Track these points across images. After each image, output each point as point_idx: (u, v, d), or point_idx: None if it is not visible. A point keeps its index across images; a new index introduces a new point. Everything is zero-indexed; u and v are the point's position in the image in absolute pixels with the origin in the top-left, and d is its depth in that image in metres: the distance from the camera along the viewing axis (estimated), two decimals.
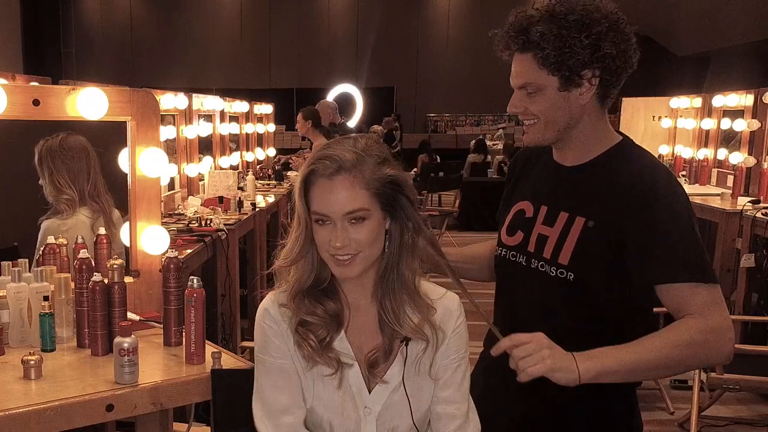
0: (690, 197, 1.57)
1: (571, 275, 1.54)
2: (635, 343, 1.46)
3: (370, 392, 1.40)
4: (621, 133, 1.64)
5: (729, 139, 6.10)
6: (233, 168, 6.17)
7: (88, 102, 2.20)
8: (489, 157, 12.49)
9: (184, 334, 1.91)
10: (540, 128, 1.57)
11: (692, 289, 1.45)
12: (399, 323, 1.39)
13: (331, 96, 14.47)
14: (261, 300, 1.49)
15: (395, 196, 1.36)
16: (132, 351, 1.75)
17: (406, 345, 1.40)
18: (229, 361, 1.90)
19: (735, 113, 5.82)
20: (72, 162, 2.45)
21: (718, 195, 5.37)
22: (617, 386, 1.51)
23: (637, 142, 1.64)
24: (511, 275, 1.69)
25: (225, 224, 4.19)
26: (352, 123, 13.78)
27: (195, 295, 1.85)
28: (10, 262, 2.15)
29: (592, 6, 1.49)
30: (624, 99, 7.15)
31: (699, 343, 1.44)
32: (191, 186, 5.19)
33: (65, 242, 2.30)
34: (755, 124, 5.39)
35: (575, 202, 1.58)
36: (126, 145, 2.34)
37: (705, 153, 6.40)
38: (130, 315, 2.10)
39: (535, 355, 1.39)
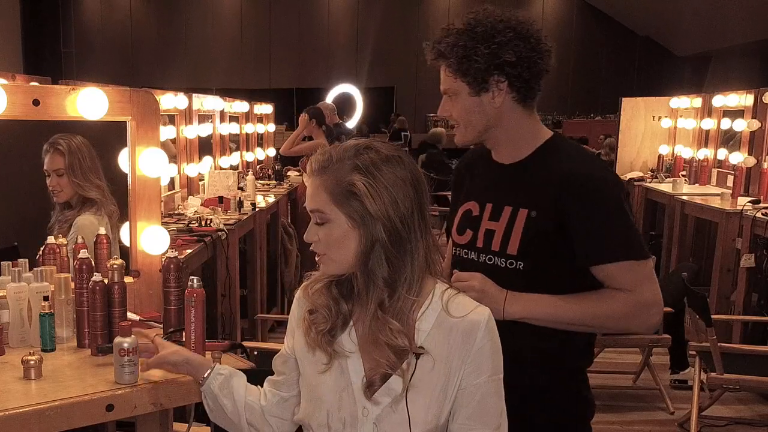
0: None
1: (521, 264, 1.66)
2: (566, 300, 1.63)
3: (371, 395, 1.37)
4: (552, 130, 1.78)
5: (729, 139, 6.10)
6: (233, 168, 6.17)
7: (88, 102, 2.21)
8: None
9: (184, 334, 1.91)
10: (461, 131, 1.73)
11: (622, 266, 1.61)
12: (375, 342, 1.35)
13: (331, 96, 14.48)
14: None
15: (357, 206, 1.32)
16: (132, 351, 1.75)
17: (417, 358, 1.35)
18: (229, 361, 1.90)
19: (735, 113, 5.82)
20: (93, 162, 2.46)
21: (718, 195, 5.37)
22: (567, 371, 1.72)
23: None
24: (466, 270, 1.73)
25: (225, 224, 4.19)
26: (353, 123, 13.79)
27: (195, 295, 1.85)
28: (10, 262, 2.15)
29: (498, 18, 1.64)
30: (624, 99, 7.13)
31: (624, 315, 1.63)
32: (191, 186, 5.19)
33: (65, 242, 2.30)
34: (755, 124, 5.39)
35: (517, 196, 1.69)
36: (126, 145, 2.34)
37: (705, 153, 6.40)
38: (130, 315, 2.10)
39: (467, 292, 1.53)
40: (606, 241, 1.61)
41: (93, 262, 2.12)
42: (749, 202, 4.81)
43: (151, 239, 2.34)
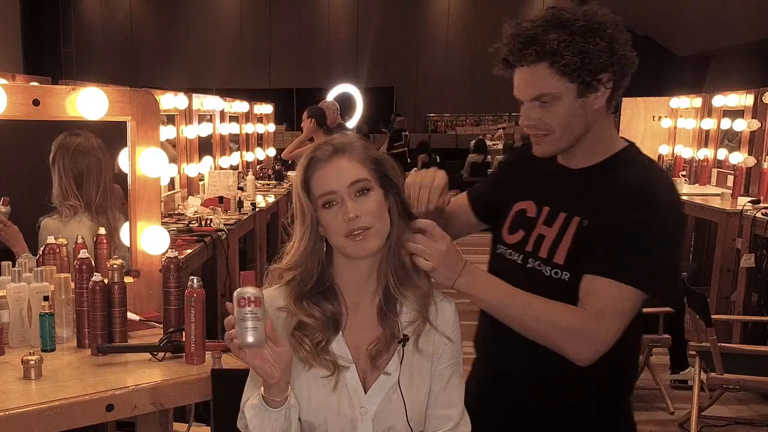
0: (690, 197, 1.58)
1: (566, 275, 1.53)
2: (520, 294, 1.49)
3: (366, 392, 1.40)
4: (626, 140, 1.63)
5: (731, 140, 6.10)
6: (233, 168, 6.17)
7: (88, 102, 2.21)
8: (489, 157, 12.48)
9: (184, 334, 1.91)
10: (555, 139, 1.53)
11: (609, 284, 1.44)
12: (400, 308, 1.41)
13: (331, 96, 14.48)
14: None
15: (386, 175, 1.41)
16: (256, 301, 1.25)
17: (403, 345, 1.39)
18: (229, 361, 1.90)
19: (735, 113, 5.82)
20: (81, 166, 2.44)
21: (718, 195, 5.37)
22: (612, 398, 1.62)
23: (637, 142, 1.64)
24: (506, 272, 1.62)
25: (225, 224, 4.19)
26: (353, 123, 13.80)
27: (195, 295, 1.85)
28: (9, 262, 2.15)
29: (591, 11, 1.47)
30: (624, 99, 7.13)
31: (569, 333, 1.45)
32: (191, 186, 5.19)
33: (65, 242, 2.30)
34: (755, 124, 5.39)
35: (575, 203, 1.56)
36: (126, 145, 2.34)
37: (705, 153, 6.40)
38: (130, 315, 2.10)
39: (431, 250, 1.41)
40: (622, 260, 1.45)
41: (93, 262, 2.12)
42: (749, 202, 4.81)
43: (151, 239, 2.34)
